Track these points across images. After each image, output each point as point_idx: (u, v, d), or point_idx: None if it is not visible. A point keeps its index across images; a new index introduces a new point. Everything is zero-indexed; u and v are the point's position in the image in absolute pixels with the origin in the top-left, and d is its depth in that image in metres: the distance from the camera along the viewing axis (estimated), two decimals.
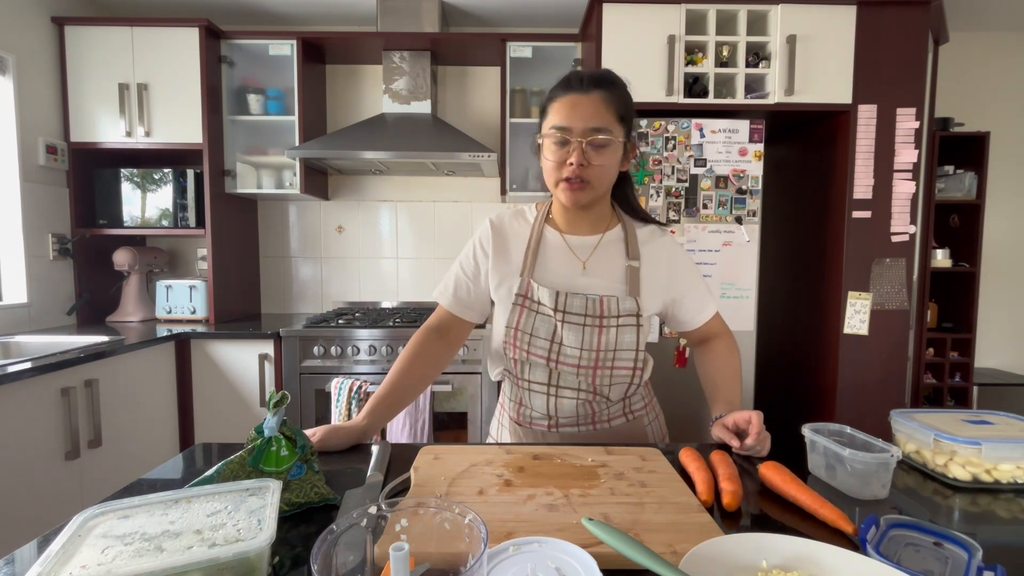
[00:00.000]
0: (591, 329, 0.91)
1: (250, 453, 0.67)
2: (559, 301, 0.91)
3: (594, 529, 0.54)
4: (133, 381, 1.92)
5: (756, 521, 0.65)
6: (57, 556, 0.46)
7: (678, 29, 2.04)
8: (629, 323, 0.92)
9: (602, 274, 0.95)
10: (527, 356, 0.94)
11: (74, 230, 2.33)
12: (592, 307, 0.91)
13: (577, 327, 0.91)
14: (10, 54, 2.06)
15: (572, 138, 0.87)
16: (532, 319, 0.93)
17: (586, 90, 0.88)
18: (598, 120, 0.87)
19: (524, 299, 0.94)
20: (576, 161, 0.86)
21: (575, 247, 0.97)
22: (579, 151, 0.86)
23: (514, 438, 1.02)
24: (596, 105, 0.87)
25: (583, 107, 0.87)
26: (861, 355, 2.11)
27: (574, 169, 0.87)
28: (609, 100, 0.88)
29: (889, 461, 0.69)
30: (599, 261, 0.96)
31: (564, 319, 0.91)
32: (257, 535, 0.49)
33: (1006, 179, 2.85)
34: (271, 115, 2.44)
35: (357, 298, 2.81)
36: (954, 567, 0.52)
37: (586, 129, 0.86)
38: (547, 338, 0.92)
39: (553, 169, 0.90)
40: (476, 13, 2.60)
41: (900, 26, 2.05)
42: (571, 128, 0.87)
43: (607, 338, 0.91)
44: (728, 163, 2.02)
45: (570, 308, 0.91)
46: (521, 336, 0.93)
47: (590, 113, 0.86)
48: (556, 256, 0.97)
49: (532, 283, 0.94)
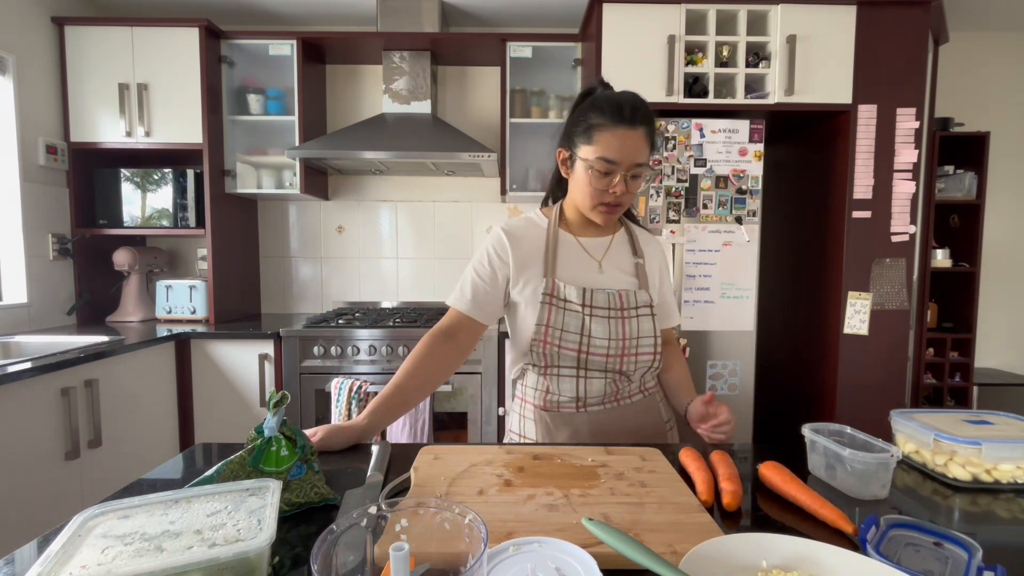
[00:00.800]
0: (616, 321, 1.00)
1: (250, 453, 0.67)
2: (586, 297, 0.99)
3: (594, 529, 0.54)
4: (133, 381, 1.92)
5: (756, 521, 0.65)
6: (57, 556, 0.46)
7: (678, 29, 2.04)
8: (645, 313, 1.02)
9: (615, 271, 1.05)
10: (558, 349, 0.99)
11: (74, 230, 2.33)
12: (614, 301, 1.01)
13: (603, 319, 0.99)
14: (10, 54, 2.06)
15: (617, 171, 0.95)
16: (561, 315, 0.99)
17: (634, 125, 0.93)
18: (642, 156, 0.95)
19: (551, 297, 1.00)
20: (620, 192, 0.96)
21: (589, 248, 1.06)
22: (623, 183, 0.95)
23: (540, 427, 1.05)
24: (641, 141, 0.94)
25: (632, 142, 0.93)
26: (861, 355, 2.11)
27: (615, 197, 0.96)
28: (650, 135, 0.96)
29: (889, 461, 0.69)
30: (611, 260, 1.06)
31: (592, 313, 0.99)
32: (257, 535, 0.49)
33: (1006, 179, 2.85)
34: (271, 115, 2.44)
35: (357, 298, 2.81)
36: (954, 567, 0.52)
37: (632, 164, 0.94)
38: (576, 332, 0.99)
39: (594, 195, 0.98)
40: (476, 13, 2.60)
41: (900, 26, 2.05)
42: (619, 163, 0.94)
43: (631, 327, 1.00)
44: (728, 163, 2.02)
45: (596, 303, 1.00)
46: (552, 332, 0.99)
47: (637, 148, 0.94)
48: (573, 257, 1.05)
49: (557, 283, 1.01)
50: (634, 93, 0.98)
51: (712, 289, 2.05)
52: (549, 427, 1.04)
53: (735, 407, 2.06)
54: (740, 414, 2.09)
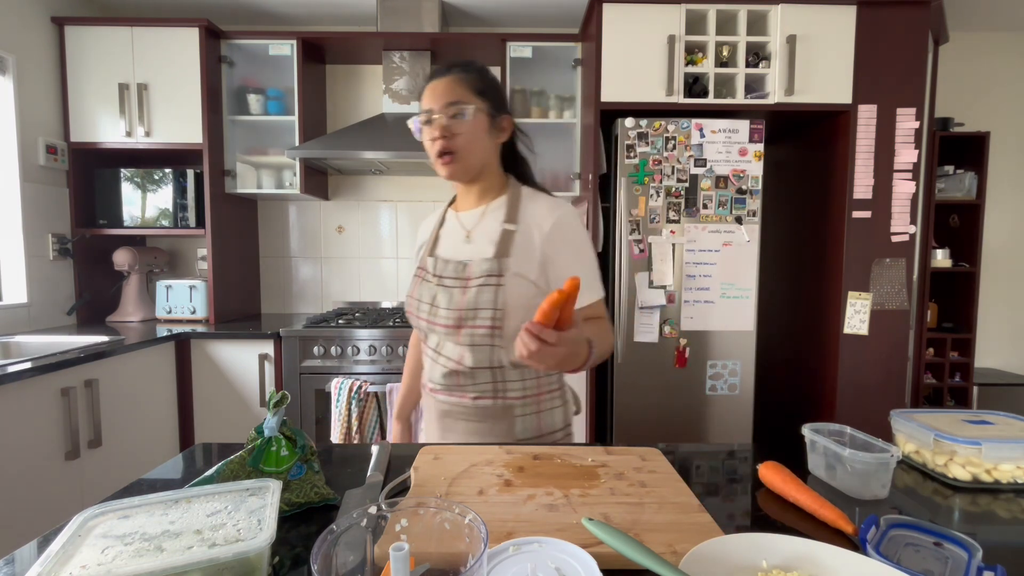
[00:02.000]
0: (458, 290, 0.98)
1: (250, 453, 0.67)
2: (437, 267, 1.02)
3: (594, 529, 0.54)
4: (133, 381, 1.92)
5: (756, 521, 0.65)
6: (57, 556, 0.46)
7: (678, 29, 2.04)
8: (489, 283, 0.96)
9: (480, 240, 1.02)
10: (416, 319, 1.03)
11: (74, 230, 2.33)
12: (461, 270, 0.99)
13: (448, 289, 0.99)
14: (10, 54, 2.06)
15: (434, 116, 0.96)
16: (420, 287, 1.04)
17: (443, 75, 0.97)
18: (453, 96, 0.95)
19: (421, 271, 1.06)
20: (438, 134, 0.95)
21: (464, 220, 1.06)
22: (440, 126, 0.95)
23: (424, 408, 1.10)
24: (451, 84, 0.96)
25: (441, 88, 0.96)
26: (861, 355, 2.11)
27: (440, 142, 0.95)
28: (464, 79, 0.97)
29: (889, 461, 0.69)
30: (480, 229, 1.03)
31: (440, 283, 1.00)
32: (257, 535, 0.49)
33: (1006, 179, 2.85)
34: (271, 115, 2.44)
35: (357, 298, 2.81)
36: (954, 567, 0.52)
37: (444, 105, 0.95)
38: (429, 302, 1.01)
39: (428, 150, 0.99)
40: (476, 13, 2.60)
41: (900, 26, 2.05)
42: (432, 108, 0.96)
43: (468, 297, 0.96)
44: (728, 163, 2.02)
45: (444, 272, 1.01)
46: (412, 302, 1.04)
47: (447, 90, 0.96)
48: (450, 232, 1.07)
49: (427, 257, 1.05)
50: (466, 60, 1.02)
51: (712, 289, 2.05)
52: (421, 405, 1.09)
53: (735, 407, 2.08)
54: (740, 414, 2.09)
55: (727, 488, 0.75)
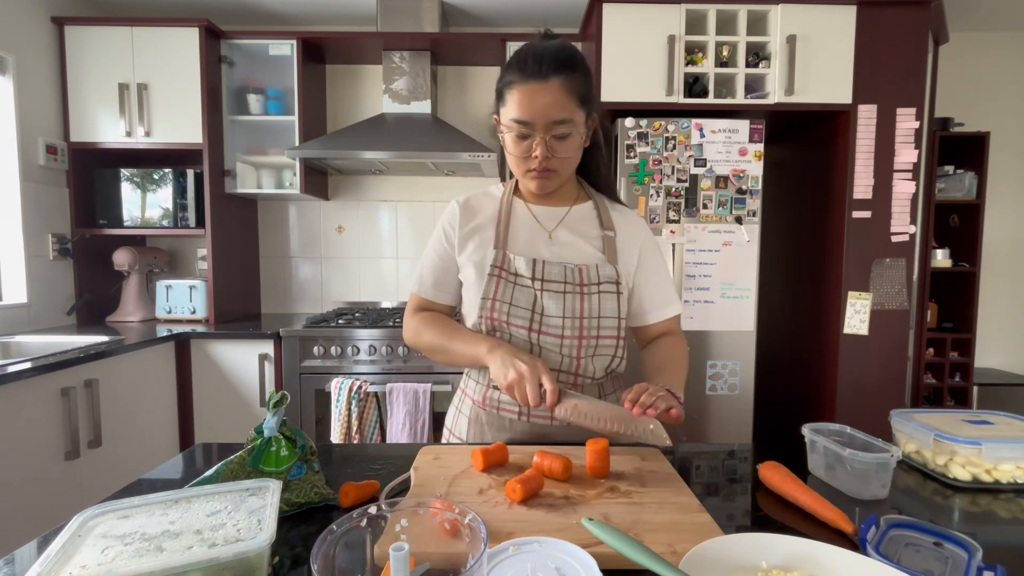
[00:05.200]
0: (572, 296, 0.89)
1: (250, 453, 0.67)
2: (536, 270, 0.89)
3: (594, 529, 0.54)
4: (133, 381, 1.92)
5: (756, 521, 0.65)
6: (57, 556, 0.46)
7: (678, 29, 2.04)
8: (610, 290, 0.90)
9: (570, 244, 0.93)
10: (507, 327, 0.88)
11: (74, 230, 2.33)
12: (571, 275, 0.90)
13: (558, 295, 0.88)
14: (10, 54, 2.06)
15: (534, 132, 0.83)
16: (510, 290, 0.89)
17: (543, 78, 0.81)
18: (559, 112, 0.82)
19: (500, 270, 0.90)
20: (541, 156, 0.84)
21: (541, 217, 0.96)
22: (543, 146, 0.84)
23: (474, 428, 0.94)
24: (556, 94, 0.81)
25: (543, 98, 0.81)
26: (861, 355, 2.11)
27: (540, 161, 0.85)
28: (570, 86, 0.82)
29: (889, 461, 0.69)
30: (567, 232, 0.94)
31: (543, 287, 0.89)
32: (257, 535, 0.49)
33: (1006, 179, 2.85)
34: (271, 115, 2.44)
35: (357, 298, 2.81)
36: (954, 567, 0.52)
37: (548, 123, 0.83)
38: (527, 307, 0.88)
39: (518, 162, 0.88)
40: (476, 13, 2.60)
41: (900, 26, 2.05)
42: (532, 123, 0.83)
43: (589, 304, 0.88)
44: (728, 163, 2.02)
45: (548, 276, 0.89)
46: (499, 307, 0.88)
47: (552, 104, 0.81)
48: (523, 226, 0.95)
49: (508, 254, 0.91)
50: (554, 42, 0.85)
51: (712, 289, 2.05)
52: (484, 429, 0.93)
53: (735, 407, 2.08)
54: (740, 414, 2.09)
55: (727, 488, 0.75)
